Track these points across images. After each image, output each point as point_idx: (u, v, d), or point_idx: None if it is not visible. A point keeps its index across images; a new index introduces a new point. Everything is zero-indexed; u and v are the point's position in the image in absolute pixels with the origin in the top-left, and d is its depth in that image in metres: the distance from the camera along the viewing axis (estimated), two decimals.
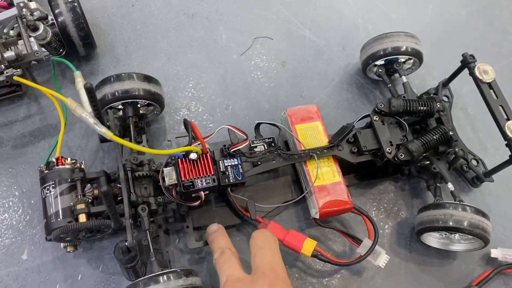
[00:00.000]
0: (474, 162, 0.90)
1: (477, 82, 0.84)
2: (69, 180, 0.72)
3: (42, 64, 0.89)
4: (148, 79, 0.82)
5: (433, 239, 0.85)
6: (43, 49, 0.86)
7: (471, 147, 0.94)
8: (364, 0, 1.13)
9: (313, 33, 1.06)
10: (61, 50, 0.89)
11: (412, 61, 0.94)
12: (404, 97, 0.89)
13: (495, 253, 0.86)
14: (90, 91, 0.64)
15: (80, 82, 0.72)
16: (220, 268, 0.63)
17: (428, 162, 0.85)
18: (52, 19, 0.85)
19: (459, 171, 0.91)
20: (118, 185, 0.74)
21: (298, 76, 1.01)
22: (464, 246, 0.84)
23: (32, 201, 0.81)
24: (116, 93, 0.78)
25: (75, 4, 0.85)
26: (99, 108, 0.67)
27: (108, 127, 0.75)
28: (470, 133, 0.99)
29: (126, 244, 0.67)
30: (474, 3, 1.17)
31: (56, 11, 0.84)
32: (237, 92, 0.97)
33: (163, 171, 0.74)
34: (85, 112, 0.68)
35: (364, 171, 0.89)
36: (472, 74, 0.85)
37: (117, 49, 0.96)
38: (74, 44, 0.87)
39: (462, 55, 0.87)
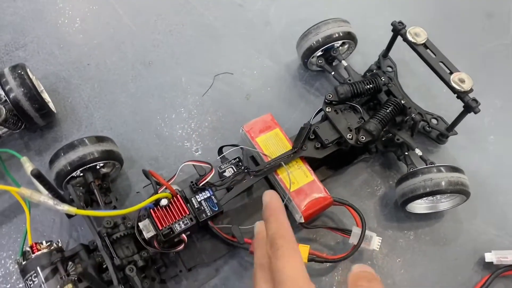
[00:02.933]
0: (434, 121, 0.82)
1: (412, 46, 0.76)
2: (50, 264, 0.63)
3: (5, 140, 0.81)
4: (99, 139, 0.73)
5: (417, 206, 0.77)
6: (1, 126, 0.76)
7: (428, 106, 0.86)
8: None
9: (271, 60, 0.95)
10: (19, 124, 0.79)
11: (347, 44, 0.86)
12: (349, 80, 0.80)
13: (489, 257, 0.74)
14: (38, 177, 0.55)
15: (29, 167, 0.63)
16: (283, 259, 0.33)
17: (391, 135, 0.77)
18: (4, 96, 0.76)
19: (423, 133, 0.83)
20: (99, 253, 0.65)
21: (263, 107, 0.89)
22: (448, 204, 0.76)
23: None
24: (72, 163, 0.69)
25: (25, 77, 0.75)
26: (55, 187, 0.59)
27: (72, 201, 0.66)
28: (425, 93, 0.92)
29: None
30: None
31: (6, 87, 0.74)
32: (204, 134, 0.86)
33: (138, 227, 0.65)
34: (42, 196, 0.59)
35: (333, 160, 0.80)
36: (405, 40, 0.77)
37: (78, 111, 0.86)
38: (31, 117, 0.77)
39: (392, 24, 0.79)
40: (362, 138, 0.72)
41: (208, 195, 0.68)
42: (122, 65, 0.92)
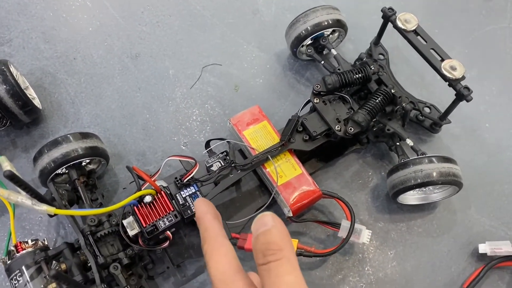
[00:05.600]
0: (427, 110, 0.79)
1: (402, 33, 0.73)
2: (34, 263, 0.62)
3: None
4: (84, 136, 0.71)
5: (409, 197, 0.75)
6: None
7: (422, 94, 0.83)
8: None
9: (261, 49, 0.91)
10: (4, 121, 0.78)
11: (337, 32, 0.83)
12: (339, 70, 0.78)
13: (483, 248, 0.71)
14: (12, 178, 0.54)
15: (7, 167, 0.61)
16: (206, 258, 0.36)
17: (382, 125, 0.74)
18: None
19: (416, 122, 0.81)
20: (84, 251, 0.64)
21: (253, 98, 0.86)
22: (440, 195, 0.74)
23: None
24: (55, 160, 0.68)
25: (7, 74, 0.73)
26: (31, 187, 0.57)
27: (53, 200, 0.65)
28: (419, 80, 0.89)
29: None
30: None
31: None
32: (192, 127, 0.83)
33: (123, 225, 0.63)
34: (20, 196, 0.57)
35: (323, 152, 0.78)
36: (395, 26, 0.74)
37: (64, 106, 0.84)
38: (15, 114, 0.76)
39: (382, 10, 0.76)
40: (351, 129, 0.69)
41: (193, 190, 0.66)
42: (108, 58, 0.89)
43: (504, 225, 0.76)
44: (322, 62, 0.82)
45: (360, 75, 0.73)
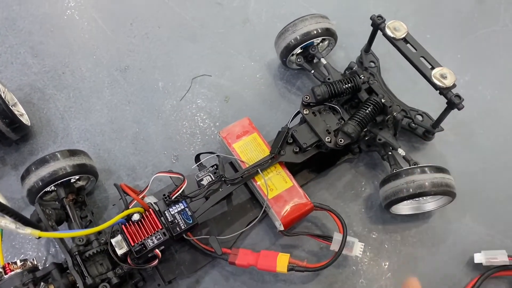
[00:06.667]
0: (419, 118, 0.78)
1: (392, 41, 0.72)
2: (22, 285, 0.61)
3: None
4: (72, 153, 0.70)
5: (402, 208, 0.73)
6: None
7: (415, 100, 0.82)
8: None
9: (251, 59, 0.90)
10: None
11: (327, 41, 0.82)
12: (328, 79, 0.76)
13: (478, 258, 0.69)
14: None
15: None
16: None
17: (373, 135, 0.73)
18: None
19: (409, 130, 0.79)
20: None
21: (243, 109, 0.85)
22: (434, 204, 0.72)
23: None
24: (43, 179, 0.67)
25: None
26: (15, 211, 0.56)
27: (39, 221, 0.64)
28: (412, 86, 0.87)
29: None
30: None
31: None
32: (182, 140, 0.82)
33: (111, 244, 0.62)
34: (4, 220, 0.56)
35: (315, 163, 0.77)
36: (384, 34, 0.73)
37: (53, 122, 0.83)
38: (2, 132, 0.75)
39: (371, 18, 0.75)
40: (341, 141, 0.68)
41: (182, 207, 0.65)
42: (97, 71, 0.88)
43: (500, 233, 0.75)
44: (312, 71, 0.81)
45: (349, 85, 0.72)
